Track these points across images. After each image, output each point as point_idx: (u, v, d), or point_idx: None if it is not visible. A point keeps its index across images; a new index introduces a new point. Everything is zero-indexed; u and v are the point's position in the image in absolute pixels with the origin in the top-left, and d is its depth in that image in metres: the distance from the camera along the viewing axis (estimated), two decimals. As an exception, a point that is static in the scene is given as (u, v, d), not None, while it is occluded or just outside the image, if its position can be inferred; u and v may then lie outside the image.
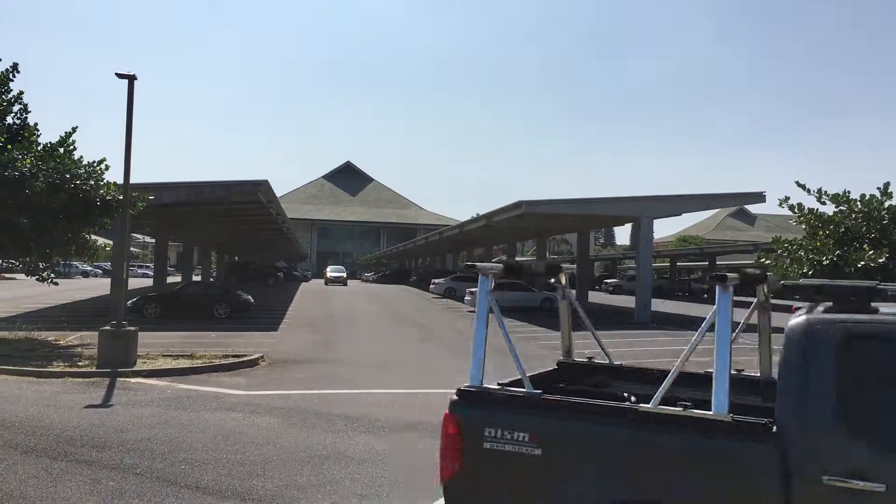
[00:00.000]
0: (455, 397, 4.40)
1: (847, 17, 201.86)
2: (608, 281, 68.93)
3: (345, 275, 62.88)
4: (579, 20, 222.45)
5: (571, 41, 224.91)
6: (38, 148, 17.11)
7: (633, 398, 5.14)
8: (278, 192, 37.42)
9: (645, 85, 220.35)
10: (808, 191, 16.66)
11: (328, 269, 66.35)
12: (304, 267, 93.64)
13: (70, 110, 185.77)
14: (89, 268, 73.17)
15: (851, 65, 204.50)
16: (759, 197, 30.51)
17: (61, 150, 17.12)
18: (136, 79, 15.00)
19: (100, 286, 47.40)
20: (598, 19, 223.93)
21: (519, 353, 4.72)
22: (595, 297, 50.74)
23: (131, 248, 72.88)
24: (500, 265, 4.91)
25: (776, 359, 4.01)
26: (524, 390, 4.33)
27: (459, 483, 4.25)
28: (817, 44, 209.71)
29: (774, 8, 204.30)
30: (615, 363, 5.87)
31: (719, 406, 3.69)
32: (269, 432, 9.08)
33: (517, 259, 52.80)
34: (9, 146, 16.21)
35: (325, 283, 59.16)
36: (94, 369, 13.59)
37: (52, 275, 18.00)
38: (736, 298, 3.98)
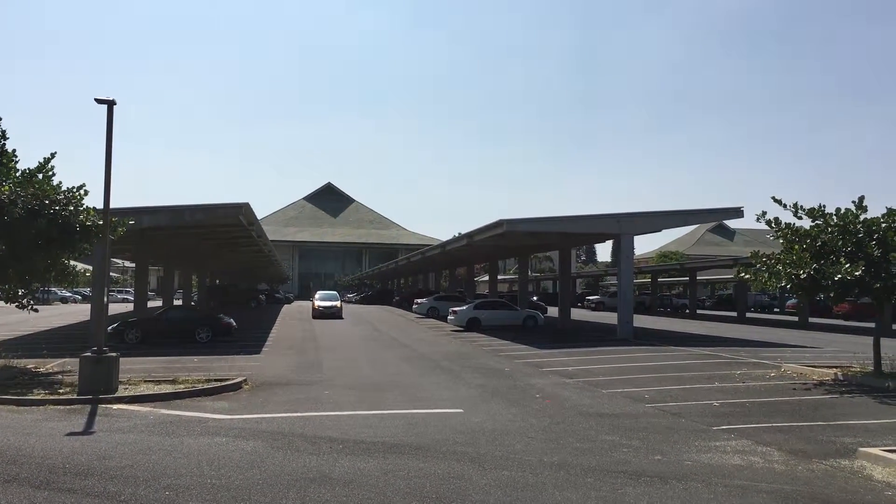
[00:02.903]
0: None
1: (831, 32, 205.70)
2: (590, 298, 69.23)
3: (339, 303, 45.92)
4: (559, 37, 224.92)
5: (552, 58, 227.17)
6: (17, 174, 17.01)
7: None
8: (259, 215, 37.34)
9: (625, 102, 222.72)
10: (785, 206, 16.95)
11: (316, 295, 48.52)
12: (287, 289, 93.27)
13: (47, 135, 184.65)
14: (68, 293, 72.43)
15: (833, 79, 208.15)
16: (737, 212, 30.85)
17: (40, 175, 17.02)
18: (115, 104, 14.99)
19: (79, 312, 46.92)
20: (577, 35, 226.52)
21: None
22: (577, 313, 50.96)
23: (111, 273, 72.19)
24: None
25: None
26: None
27: None
28: (799, 60, 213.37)
29: (754, 26, 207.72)
30: None
31: None
32: (254, 456, 9.04)
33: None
34: (-13, 173, 16.12)
35: (314, 316, 43.59)
36: (75, 396, 13.44)
37: (32, 301, 17.82)
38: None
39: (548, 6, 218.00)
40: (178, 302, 52.76)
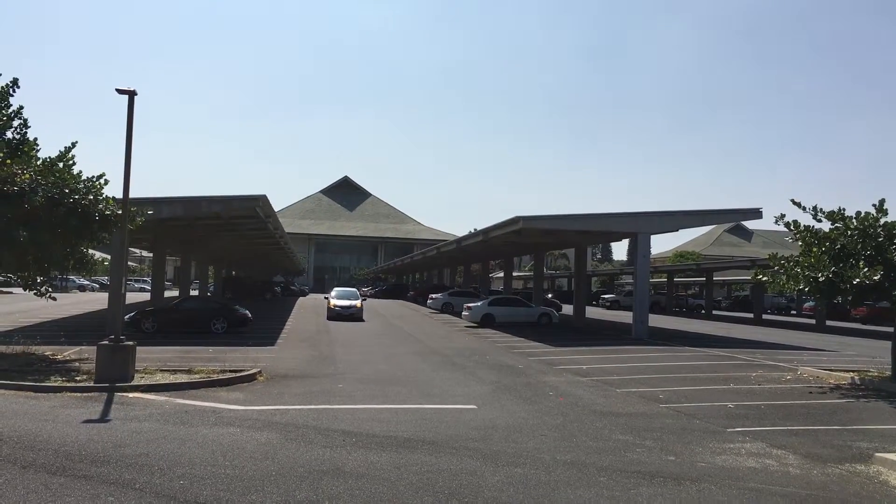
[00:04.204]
0: None
1: (849, 30, 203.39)
2: (606, 296, 69.02)
3: (359, 303, 38.08)
4: (577, 34, 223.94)
5: (570, 56, 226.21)
6: (38, 163, 17.17)
7: None
8: (276, 207, 37.51)
9: (643, 100, 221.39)
10: (804, 208, 16.79)
11: (332, 292, 40.44)
12: (302, 281, 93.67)
13: (67, 123, 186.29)
14: (86, 282, 73.09)
15: (851, 80, 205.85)
16: (755, 213, 30.58)
17: (61, 164, 17.17)
18: (136, 94, 15.04)
19: (97, 300, 47.35)
20: (595, 33, 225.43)
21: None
22: (592, 312, 50.79)
23: (129, 262, 72.74)
24: None
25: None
26: None
27: None
28: (816, 58, 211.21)
29: (773, 22, 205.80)
30: None
31: None
32: (268, 447, 9.09)
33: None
34: (8, 161, 16.27)
35: (329, 317, 36.47)
36: (91, 384, 13.57)
37: (50, 289, 17.99)
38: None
39: (566, 4, 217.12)
40: (194, 292, 53.07)
